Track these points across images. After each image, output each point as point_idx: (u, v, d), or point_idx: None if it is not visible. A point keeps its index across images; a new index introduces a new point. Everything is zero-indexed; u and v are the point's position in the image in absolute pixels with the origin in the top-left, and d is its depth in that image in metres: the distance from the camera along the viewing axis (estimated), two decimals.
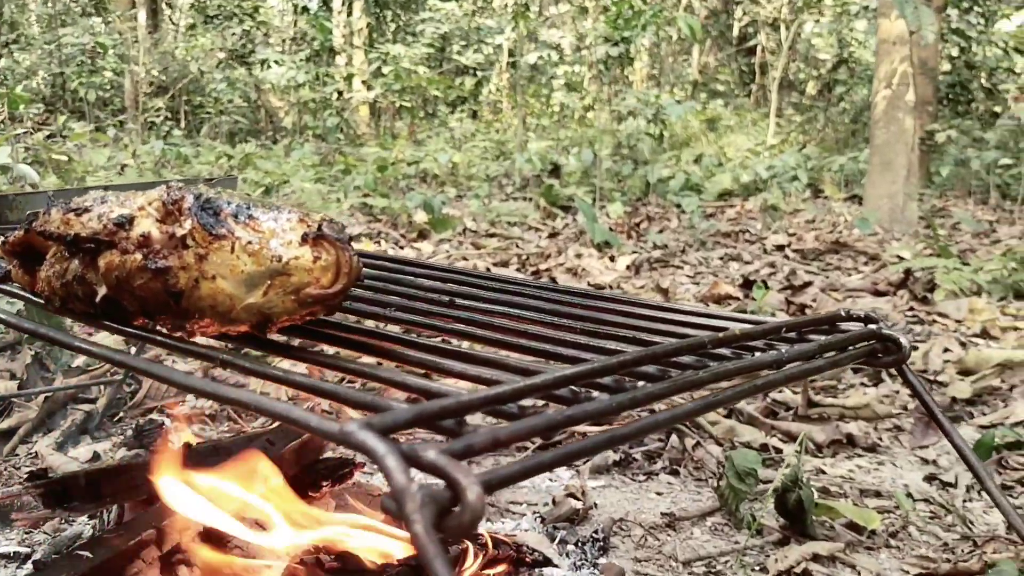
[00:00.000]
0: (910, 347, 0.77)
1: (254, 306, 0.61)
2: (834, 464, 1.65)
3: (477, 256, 3.84)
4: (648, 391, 0.55)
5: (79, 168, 4.98)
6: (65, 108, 10.30)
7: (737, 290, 3.10)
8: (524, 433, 0.47)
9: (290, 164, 6.84)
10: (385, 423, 0.43)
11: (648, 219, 5.45)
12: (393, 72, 9.64)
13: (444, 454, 0.42)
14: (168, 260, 0.62)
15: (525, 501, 1.47)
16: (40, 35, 11.90)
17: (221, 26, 11.44)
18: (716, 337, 0.65)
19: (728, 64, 17.17)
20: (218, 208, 0.62)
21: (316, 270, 0.61)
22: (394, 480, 0.40)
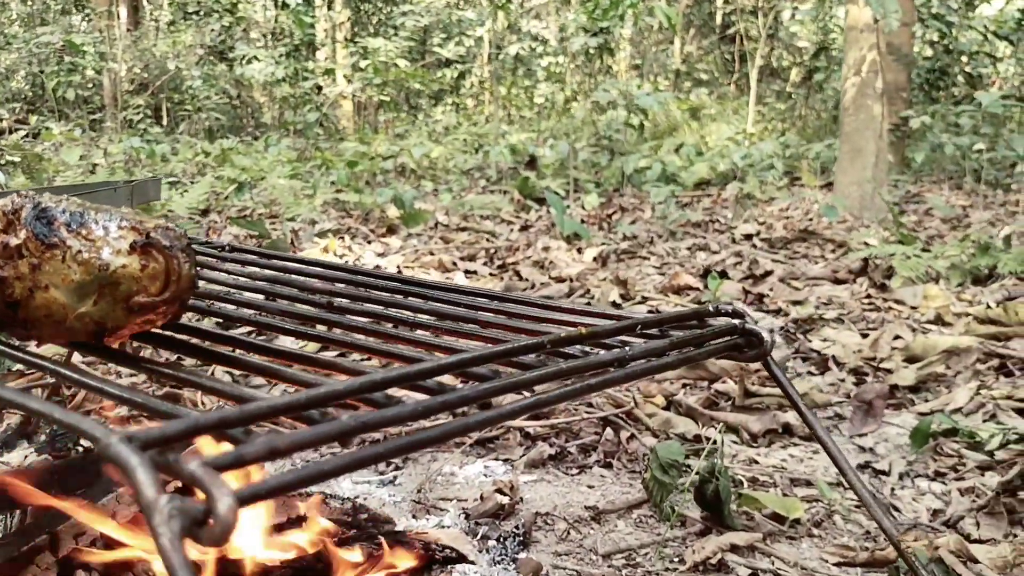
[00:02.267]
0: (772, 341, 0.77)
1: (86, 315, 0.62)
2: (768, 454, 1.66)
3: (444, 250, 3.84)
4: (462, 394, 0.55)
5: (50, 168, 4.96)
6: (45, 108, 10.25)
7: (698, 280, 3.10)
8: (308, 441, 0.47)
9: (267, 160, 6.82)
10: (151, 436, 0.43)
11: (621, 210, 5.46)
12: (371, 66, 9.61)
13: (205, 466, 0.42)
14: (4, 271, 0.62)
15: (456, 497, 1.48)
16: (20, 34, 11.83)
17: (200, 22, 11.39)
18: (556, 337, 0.66)
19: (711, 52, 17.17)
20: (52, 217, 0.62)
21: (144, 278, 0.61)
22: (142, 494, 0.40)
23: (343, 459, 0.47)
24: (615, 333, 0.72)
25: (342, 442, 0.51)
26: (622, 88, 8.05)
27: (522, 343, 0.64)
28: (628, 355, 0.66)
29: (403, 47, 10.97)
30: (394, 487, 1.53)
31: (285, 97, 9.65)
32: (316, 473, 0.46)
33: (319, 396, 0.51)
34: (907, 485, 1.56)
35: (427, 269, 3.38)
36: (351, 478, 1.53)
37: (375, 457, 0.49)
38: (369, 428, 0.50)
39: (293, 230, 3.99)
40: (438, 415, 0.54)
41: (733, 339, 0.77)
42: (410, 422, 0.53)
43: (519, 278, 3.30)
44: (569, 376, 0.62)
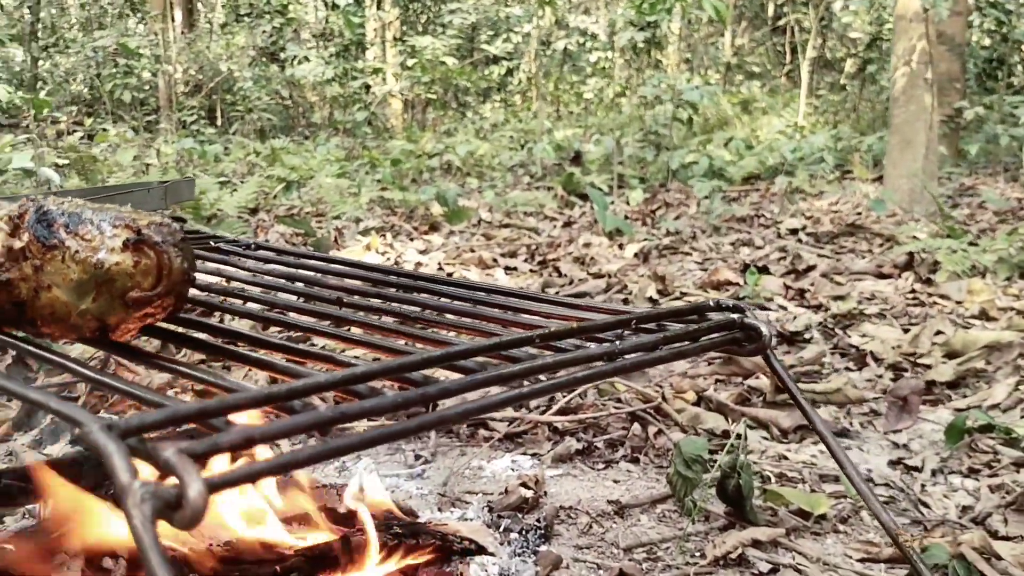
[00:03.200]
0: (771, 335, 0.77)
1: (87, 312, 0.64)
2: (798, 450, 1.65)
3: (486, 247, 3.86)
4: (443, 386, 0.56)
5: (104, 169, 5.09)
6: (102, 110, 10.50)
7: (738, 276, 3.08)
8: (284, 430, 0.49)
9: (316, 159, 6.92)
10: (131, 424, 0.46)
11: (666, 205, 5.43)
12: (419, 64, 9.67)
13: (180, 453, 0.44)
14: (10, 273, 0.65)
15: (481, 491, 1.49)
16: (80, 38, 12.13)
17: (252, 24, 11.57)
18: (547, 331, 0.67)
19: (762, 44, 16.96)
20: (52, 220, 0.65)
21: (137, 274, 0.64)
22: (116, 478, 0.42)
23: (316, 449, 0.49)
24: (608, 328, 0.72)
25: (320, 432, 0.52)
26: (670, 82, 7.98)
27: (513, 337, 0.65)
28: (618, 349, 0.67)
29: (451, 45, 11.03)
30: (422, 480, 1.55)
31: (335, 97, 9.77)
32: (288, 462, 0.48)
33: (299, 388, 0.53)
34: (939, 482, 1.54)
35: (467, 266, 3.40)
36: (380, 471, 1.55)
37: (347, 448, 0.50)
38: (347, 419, 0.51)
39: (337, 228, 4.05)
40: (418, 407, 0.56)
41: (731, 333, 0.78)
42: (390, 413, 0.54)
43: (558, 274, 3.31)
44: (556, 369, 0.63)
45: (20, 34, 11.64)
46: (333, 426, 0.52)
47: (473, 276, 3.25)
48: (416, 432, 0.54)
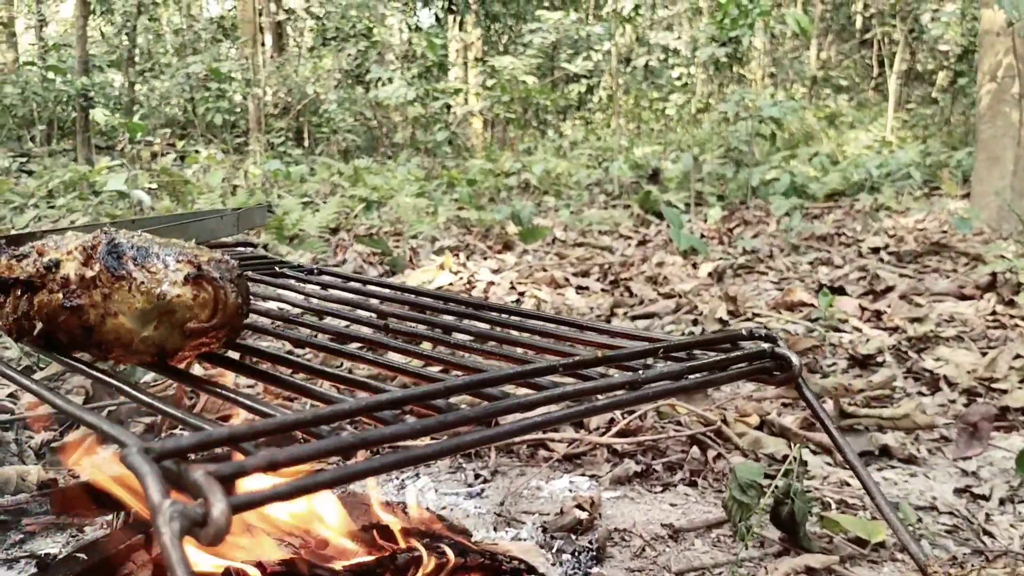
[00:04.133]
0: (800, 366, 0.78)
1: (149, 339, 0.69)
2: None
3: (558, 266, 3.88)
4: (462, 415, 0.59)
5: (194, 190, 5.30)
6: (196, 132, 10.92)
7: (813, 297, 3.04)
8: (308, 455, 0.52)
9: (397, 179, 7.06)
10: (167, 447, 0.50)
11: (744, 223, 5.37)
12: (498, 84, 9.79)
13: (208, 475, 0.48)
14: (81, 299, 0.71)
15: (538, 511, 1.52)
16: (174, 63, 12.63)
17: (338, 47, 11.88)
18: (571, 360, 0.69)
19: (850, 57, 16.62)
20: (122, 252, 0.71)
21: (196, 307, 0.69)
22: (150, 497, 0.47)
23: (336, 472, 0.52)
24: (636, 356, 0.74)
25: (345, 456, 0.56)
26: (751, 98, 7.90)
27: (538, 365, 0.68)
28: (641, 378, 0.69)
29: (530, 64, 11.13)
30: (481, 499, 1.58)
31: (416, 117, 9.95)
32: (311, 484, 0.51)
33: (326, 414, 0.56)
34: (1007, 511, 1.50)
35: (539, 285, 3.43)
36: (439, 489, 1.59)
37: (365, 472, 0.54)
38: (368, 444, 0.55)
39: (412, 248, 4.13)
40: (440, 433, 0.59)
41: (762, 363, 0.79)
42: (399, 441, 0.57)
43: (630, 294, 3.31)
44: (578, 398, 0.66)
45: (119, 60, 12.19)
46: (355, 451, 0.55)
47: (544, 295, 3.28)
48: (433, 458, 0.57)
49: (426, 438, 0.63)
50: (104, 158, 7.74)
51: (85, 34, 8.84)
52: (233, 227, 1.46)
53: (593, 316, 2.94)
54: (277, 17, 13.86)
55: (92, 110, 7.82)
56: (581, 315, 2.97)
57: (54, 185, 5.55)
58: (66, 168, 6.33)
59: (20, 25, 14.70)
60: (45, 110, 9.23)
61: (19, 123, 9.13)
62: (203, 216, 1.44)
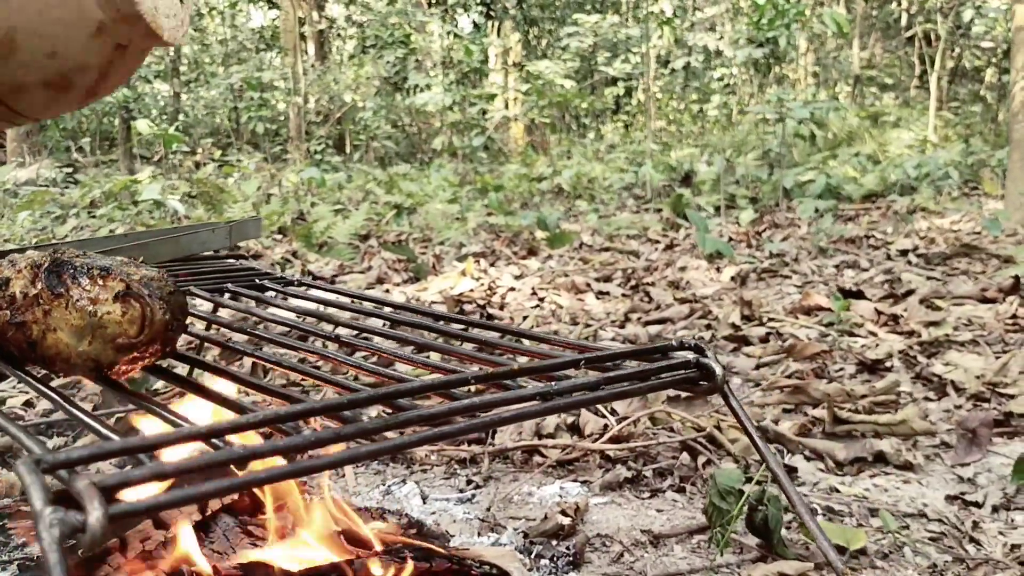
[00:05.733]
0: (724, 376, 0.79)
1: (84, 353, 0.73)
2: (852, 482, 1.62)
3: (581, 272, 3.90)
4: (361, 427, 0.62)
5: (228, 199, 5.41)
6: (238, 141, 11.10)
7: (831, 301, 3.01)
8: (192, 467, 0.55)
9: (432, 185, 7.12)
10: (58, 459, 0.53)
11: (775, 226, 5.33)
12: (534, 89, 9.81)
13: (90, 485, 0.51)
14: (25, 315, 0.75)
15: (525, 517, 1.54)
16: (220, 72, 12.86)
17: (377, 55, 12.01)
18: (485, 373, 0.71)
19: (895, 55, 16.37)
20: (62, 271, 0.75)
21: (124, 323, 0.72)
22: (32, 505, 0.50)
23: (219, 484, 0.55)
24: (558, 367, 0.76)
25: (239, 467, 0.59)
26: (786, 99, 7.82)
27: (451, 377, 0.70)
28: (553, 389, 0.71)
29: (568, 68, 11.14)
30: (471, 504, 1.60)
31: (454, 123, 10.02)
32: (192, 495, 0.54)
33: (221, 427, 0.59)
34: (998, 518, 1.48)
35: (560, 291, 3.45)
36: (432, 495, 1.62)
37: (248, 484, 0.56)
38: (256, 456, 0.58)
39: (435, 254, 4.17)
40: (332, 444, 0.61)
41: (687, 373, 0.80)
42: (306, 451, 0.60)
43: (648, 299, 3.31)
44: (486, 410, 0.68)
45: (165, 70, 12.44)
46: (246, 462, 0.58)
47: (563, 301, 3.30)
48: (329, 468, 0.60)
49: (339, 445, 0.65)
50: (148, 168, 7.92)
51: None
52: (226, 239, 1.51)
53: (608, 321, 2.95)
54: (319, 26, 14.06)
55: (134, 121, 8.00)
56: (597, 320, 2.98)
57: (96, 195, 5.69)
58: (108, 178, 6.50)
59: None
60: (91, 121, 9.47)
61: (67, 134, 9.38)
62: (196, 229, 1.48)
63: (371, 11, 13.77)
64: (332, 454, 0.60)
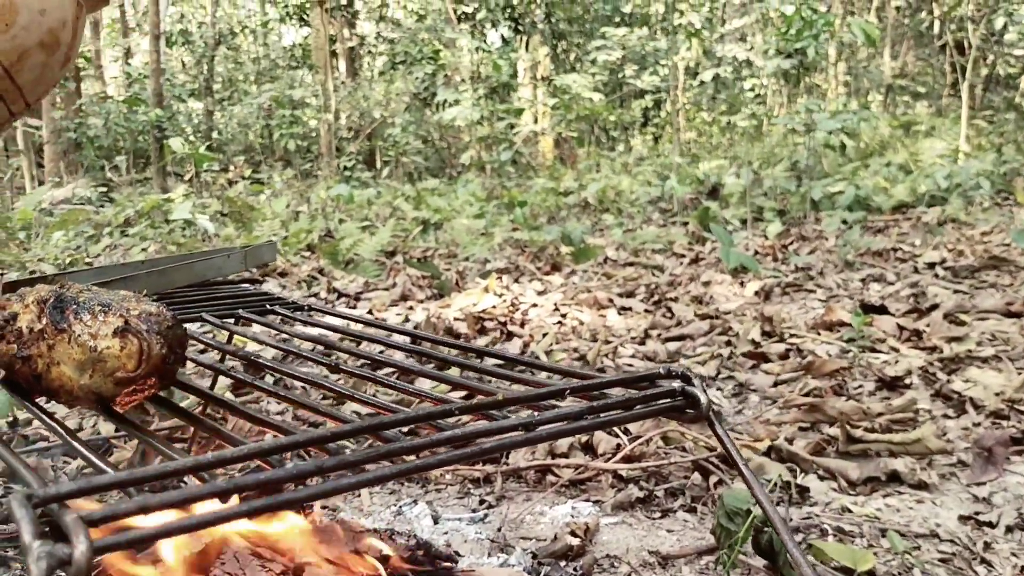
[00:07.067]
0: (708, 404, 0.81)
1: (86, 386, 0.76)
2: (865, 503, 1.61)
3: (604, 287, 3.90)
4: (342, 460, 0.64)
5: (258, 216, 5.48)
6: (270, 158, 11.24)
7: (852, 316, 2.99)
8: (176, 501, 0.58)
9: (459, 200, 7.16)
10: (48, 494, 0.56)
11: (802, 239, 5.30)
12: (562, 102, 9.84)
13: (77, 519, 0.54)
14: (31, 349, 0.78)
15: (535, 537, 1.55)
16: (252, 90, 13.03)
17: (407, 71, 12.12)
18: (466, 404, 0.73)
19: (928, 62, 16.20)
20: (65, 306, 0.78)
21: (122, 357, 0.75)
22: (22, 539, 0.53)
23: (208, 515, 0.58)
24: (543, 397, 0.78)
25: (222, 500, 0.61)
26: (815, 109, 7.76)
27: (434, 409, 0.72)
28: (536, 420, 0.73)
29: (596, 81, 11.16)
30: (483, 524, 1.62)
31: (482, 137, 10.08)
32: (176, 527, 0.57)
33: (205, 462, 0.62)
34: (1012, 539, 1.47)
35: (582, 307, 3.46)
36: (444, 515, 1.64)
37: (230, 516, 0.59)
38: (239, 489, 0.60)
39: (458, 271, 4.19)
40: (312, 478, 0.63)
41: (673, 401, 0.81)
42: (287, 483, 0.62)
43: (670, 314, 3.32)
44: (467, 441, 0.70)
45: (199, 89, 12.63)
46: (227, 496, 0.60)
47: (585, 317, 3.31)
48: (307, 500, 0.62)
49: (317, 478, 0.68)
50: (181, 186, 8.05)
51: (159, 67, 9.22)
52: (241, 264, 1.54)
53: (628, 337, 2.96)
54: (349, 43, 14.21)
55: (167, 140, 8.14)
56: (617, 337, 2.99)
57: (129, 214, 5.80)
58: (142, 197, 6.61)
59: (108, 56, 15.36)
60: (126, 140, 9.64)
61: (102, 153, 9.56)
62: (211, 255, 1.52)
63: (401, 28, 13.90)
64: (315, 486, 0.63)
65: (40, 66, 0.81)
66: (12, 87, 0.79)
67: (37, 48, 0.80)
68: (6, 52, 0.77)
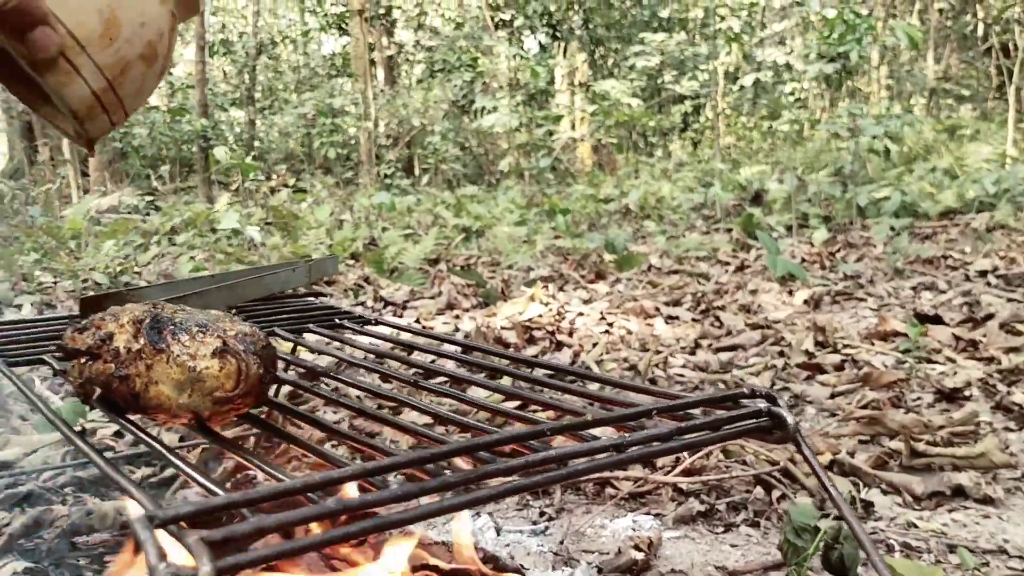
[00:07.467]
0: (796, 424, 0.81)
1: (184, 405, 0.78)
2: (931, 517, 1.59)
3: (649, 296, 3.89)
4: (447, 480, 0.65)
5: (303, 225, 5.54)
6: (311, 167, 11.34)
7: (908, 326, 2.96)
8: (293, 521, 0.59)
9: (499, 207, 7.18)
10: (167, 515, 0.57)
11: (849, 246, 5.25)
12: (601, 109, 9.83)
13: (199, 541, 0.55)
14: (129, 369, 0.80)
15: (598, 550, 1.55)
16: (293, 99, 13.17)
17: (445, 79, 12.18)
18: (558, 425, 0.74)
19: (972, 65, 15.98)
20: (162, 327, 0.80)
21: (222, 377, 0.77)
22: (148, 561, 0.54)
23: (323, 537, 0.59)
24: (631, 418, 0.78)
25: (332, 521, 0.62)
26: (859, 114, 7.68)
27: (524, 431, 0.73)
28: (628, 440, 0.73)
29: (634, 87, 11.13)
30: (544, 537, 1.62)
31: (520, 144, 10.10)
32: (290, 549, 0.58)
33: (315, 482, 0.63)
34: None
35: (628, 316, 3.46)
36: (505, 527, 1.64)
37: (346, 536, 0.60)
38: (348, 511, 0.61)
39: (503, 279, 4.20)
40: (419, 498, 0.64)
41: (759, 422, 0.81)
42: (395, 503, 0.63)
43: (719, 324, 3.30)
44: (560, 462, 0.70)
45: (241, 98, 12.79)
46: (336, 517, 0.62)
47: (632, 326, 3.30)
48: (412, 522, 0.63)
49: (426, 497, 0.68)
50: (225, 194, 8.15)
51: (204, 78, 9.36)
52: (305, 277, 1.56)
53: (678, 347, 2.95)
54: (388, 52, 14.32)
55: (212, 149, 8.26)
56: (667, 346, 2.98)
57: (176, 223, 5.89)
58: (188, 206, 6.71)
59: None
60: (171, 150, 9.80)
61: (147, 162, 9.72)
62: (278, 269, 1.54)
63: (439, 36, 13.97)
64: (420, 506, 0.64)
65: (140, 77, 0.83)
66: (115, 99, 0.81)
67: (138, 60, 0.82)
68: (110, 66, 0.79)
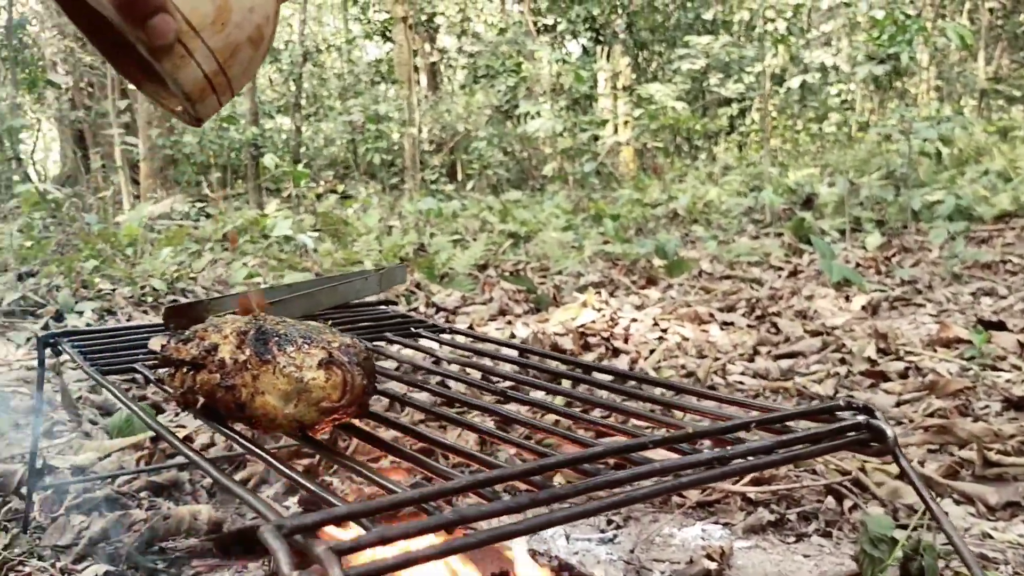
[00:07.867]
0: (895, 437, 0.80)
1: (290, 415, 0.80)
2: (1006, 528, 1.57)
3: (703, 301, 3.87)
4: (556, 492, 0.66)
5: (353, 231, 5.59)
6: (356, 172, 11.44)
7: (971, 333, 2.91)
8: (413, 531, 0.60)
9: (545, 213, 7.18)
10: (295, 524, 0.59)
11: (904, 250, 5.17)
12: (646, 112, 9.80)
13: (328, 550, 0.57)
14: (234, 379, 0.82)
15: (668, 559, 1.55)
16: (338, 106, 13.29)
17: (488, 84, 12.22)
18: (660, 437, 0.74)
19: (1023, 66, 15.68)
20: (268, 338, 0.81)
21: (327, 388, 0.78)
22: (280, 570, 0.55)
23: (442, 547, 0.60)
24: (730, 430, 0.79)
25: (447, 531, 0.63)
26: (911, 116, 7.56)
27: (629, 442, 0.74)
28: (729, 454, 0.73)
29: (679, 90, 11.07)
30: (612, 545, 1.62)
31: (564, 149, 10.09)
32: (412, 558, 0.59)
33: (430, 492, 0.64)
34: None
35: (682, 322, 3.44)
36: (574, 534, 1.65)
37: (467, 546, 0.61)
38: (466, 521, 0.62)
39: (555, 285, 4.21)
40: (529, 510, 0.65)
41: (858, 436, 0.81)
42: (505, 515, 0.64)
43: (776, 330, 3.27)
44: (665, 475, 0.71)
45: (287, 105, 12.94)
46: (453, 527, 0.63)
47: (687, 332, 3.29)
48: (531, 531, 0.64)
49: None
50: (274, 201, 8.25)
51: (255, 85, 9.48)
52: (377, 286, 1.58)
53: (736, 354, 2.93)
54: (431, 58, 14.40)
55: (262, 157, 8.37)
56: (724, 353, 2.96)
57: (228, 229, 5.97)
58: (239, 212, 6.80)
59: None
60: (220, 157, 9.94)
61: (197, 170, 9.87)
62: (350, 278, 1.56)
63: (482, 41, 14.02)
64: (530, 517, 0.64)
65: (247, 60, 0.85)
66: (224, 81, 0.83)
67: (247, 43, 0.83)
68: (221, 49, 0.81)
